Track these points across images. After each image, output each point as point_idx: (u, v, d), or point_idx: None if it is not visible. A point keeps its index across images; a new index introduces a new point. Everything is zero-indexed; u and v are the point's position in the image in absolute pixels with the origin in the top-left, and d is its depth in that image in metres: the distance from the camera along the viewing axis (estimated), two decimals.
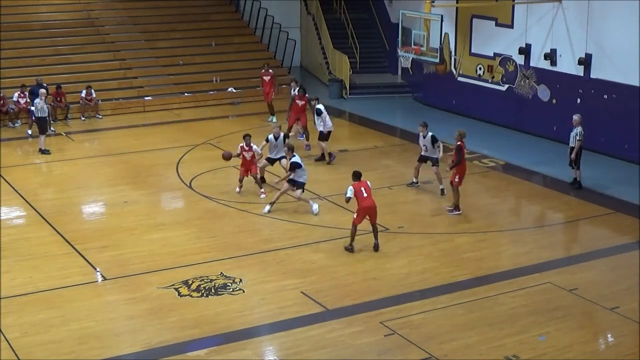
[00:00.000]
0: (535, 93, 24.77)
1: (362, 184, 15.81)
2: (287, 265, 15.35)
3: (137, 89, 28.95)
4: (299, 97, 23.18)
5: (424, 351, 12.12)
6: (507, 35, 25.49)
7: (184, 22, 32.21)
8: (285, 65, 32.27)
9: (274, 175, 19.63)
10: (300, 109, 23.16)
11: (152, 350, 12.17)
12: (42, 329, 12.78)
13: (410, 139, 24.36)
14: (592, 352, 12.29)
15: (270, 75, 26.47)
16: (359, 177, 15.95)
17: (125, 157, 22.55)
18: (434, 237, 16.80)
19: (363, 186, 15.75)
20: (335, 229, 17.07)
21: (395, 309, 13.51)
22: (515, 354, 12.04)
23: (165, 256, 15.86)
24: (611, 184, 20.09)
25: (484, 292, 14.20)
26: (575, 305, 13.77)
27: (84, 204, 19.34)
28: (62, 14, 31.42)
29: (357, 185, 15.76)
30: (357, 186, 15.75)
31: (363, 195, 15.67)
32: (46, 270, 15.05)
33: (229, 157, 18.97)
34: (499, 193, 20.19)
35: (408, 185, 19.86)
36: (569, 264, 15.52)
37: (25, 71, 27.83)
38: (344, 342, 12.41)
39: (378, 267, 15.27)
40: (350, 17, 33.38)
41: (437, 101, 28.75)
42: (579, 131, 19.36)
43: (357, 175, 15.98)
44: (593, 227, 17.96)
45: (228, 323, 13.05)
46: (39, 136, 22.89)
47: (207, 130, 25.18)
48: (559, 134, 22.44)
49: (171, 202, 19.06)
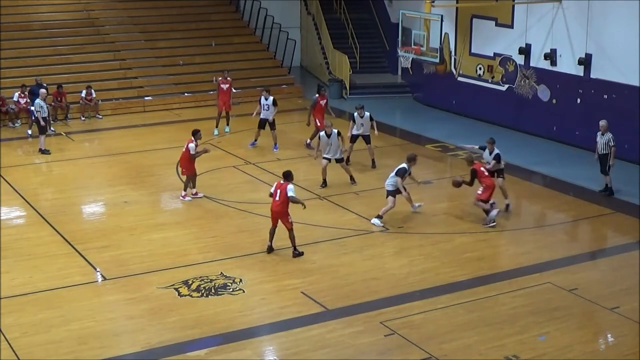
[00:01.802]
0: (535, 93, 24.77)
1: (281, 186, 15.46)
2: (287, 265, 15.35)
3: (137, 89, 28.95)
4: (321, 97, 23.12)
5: (424, 351, 12.12)
6: (507, 35, 25.49)
7: (184, 22, 32.21)
8: (285, 65, 32.26)
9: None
10: (322, 109, 23.07)
11: (152, 350, 12.18)
12: (42, 329, 12.79)
13: (411, 139, 24.38)
14: (592, 352, 12.29)
15: (229, 83, 24.79)
16: (286, 177, 15.60)
17: (125, 157, 22.56)
18: (434, 237, 16.80)
19: (280, 188, 15.45)
20: (336, 229, 17.08)
21: (395, 309, 13.51)
22: (515, 354, 12.04)
23: (165, 256, 15.87)
24: (611, 184, 20.08)
25: (484, 292, 14.21)
26: (575, 305, 13.77)
27: (84, 204, 19.34)
28: (62, 14, 31.43)
29: (277, 186, 15.55)
30: (276, 186, 15.54)
31: (275, 198, 15.45)
32: (46, 270, 15.05)
33: (459, 185, 18.09)
34: (499, 193, 20.13)
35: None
36: (569, 264, 15.51)
37: (25, 71, 27.83)
38: (344, 342, 12.41)
39: (378, 267, 15.27)
40: (350, 17, 33.39)
41: (437, 101, 28.76)
42: (610, 137, 19.10)
43: (285, 175, 15.67)
44: (593, 227, 17.97)
45: (228, 323, 13.06)
46: (39, 136, 22.88)
47: (207, 130, 25.13)
48: (559, 134, 22.45)
49: (171, 202, 19.05)
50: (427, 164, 22.41)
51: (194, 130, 19.07)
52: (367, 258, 15.68)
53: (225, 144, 23.82)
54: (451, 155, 23.01)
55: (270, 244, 15.71)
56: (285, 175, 15.65)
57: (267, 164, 21.67)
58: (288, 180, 15.55)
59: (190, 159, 18.66)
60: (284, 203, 15.35)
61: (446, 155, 23.11)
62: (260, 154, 22.67)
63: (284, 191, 15.30)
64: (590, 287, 14.38)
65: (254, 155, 22.54)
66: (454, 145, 23.62)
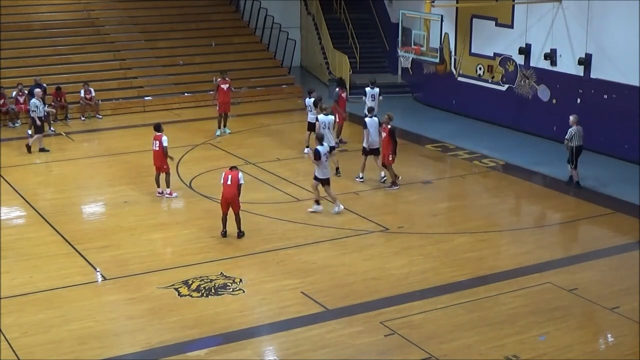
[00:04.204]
0: (535, 93, 24.77)
1: (232, 172, 16.38)
2: (287, 265, 15.35)
3: (137, 89, 28.94)
4: (342, 91, 23.53)
5: (424, 351, 12.12)
6: (507, 35, 25.49)
7: (184, 22, 32.21)
8: (285, 65, 32.26)
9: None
10: (344, 103, 23.57)
11: (152, 350, 12.18)
12: (42, 329, 12.78)
13: (411, 139, 24.38)
14: (592, 352, 12.29)
15: (229, 83, 24.75)
16: (235, 167, 16.78)
17: (125, 157, 22.56)
18: (434, 237, 16.80)
19: (231, 174, 16.30)
20: (336, 229, 17.08)
21: (395, 309, 13.51)
22: (515, 354, 12.04)
23: (165, 256, 15.89)
24: (611, 184, 20.10)
25: (484, 292, 14.20)
26: (575, 305, 13.77)
27: (84, 204, 19.34)
28: (62, 14, 31.43)
29: (226, 173, 16.42)
30: (226, 174, 16.39)
31: (227, 183, 16.27)
32: (46, 270, 15.05)
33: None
34: (499, 193, 20.17)
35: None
36: (569, 264, 15.51)
37: (25, 71, 27.82)
38: (344, 342, 12.41)
39: (378, 267, 15.27)
40: (350, 17, 33.39)
41: (437, 101, 28.76)
42: (575, 130, 19.52)
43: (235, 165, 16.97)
44: (593, 227, 17.96)
45: (228, 323, 13.06)
46: (35, 135, 22.88)
47: (207, 130, 25.18)
48: (559, 134, 22.40)
49: (171, 202, 19.05)
50: (427, 164, 22.45)
51: (158, 125, 19.20)
52: (367, 258, 15.68)
53: (225, 144, 23.83)
54: (451, 155, 23.01)
55: (225, 230, 16.51)
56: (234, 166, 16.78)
57: (267, 164, 21.68)
58: (234, 167, 16.71)
59: (165, 155, 18.73)
60: (236, 188, 16.30)
61: (446, 155, 23.11)
62: (261, 154, 22.67)
63: (236, 177, 16.28)
64: (590, 287, 14.38)
65: (254, 155, 22.54)
66: (454, 145, 23.65)
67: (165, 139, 18.73)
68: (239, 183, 16.38)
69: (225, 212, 16.46)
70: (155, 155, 18.80)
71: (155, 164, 18.88)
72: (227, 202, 16.36)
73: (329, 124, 20.32)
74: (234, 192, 16.29)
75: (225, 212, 16.46)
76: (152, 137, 18.94)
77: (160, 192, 19.06)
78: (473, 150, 23.15)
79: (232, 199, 16.32)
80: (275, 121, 26.90)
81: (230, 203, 16.37)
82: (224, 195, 16.37)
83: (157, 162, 18.84)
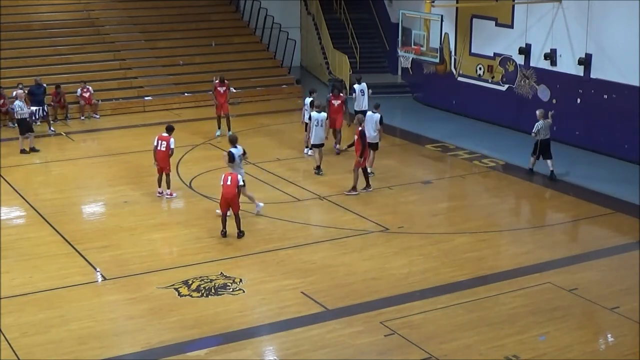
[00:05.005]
0: (535, 93, 24.77)
1: (231, 174, 16.56)
2: (287, 265, 15.35)
3: (137, 89, 28.94)
4: (334, 97, 22.88)
5: (424, 351, 12.11)
6: (507, 35, 25.49)
7: (184, 22, 32.21)
8: (285, 65, 32.26)
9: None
10: (336, 110, 22.76)
11: (152, 350, 12.17)
12: (42, 329, 12.78)
13: (411, 139, 24.38)
14: (592, 352, 12.29)
15: (226, 85, 24.61)
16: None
17: (125, 157, 22.55)
18: (434, 237, 16.80)
19: (231, 175, 16.47)
20: (336, 229, 17.08)
21: (395, 309, 13.51)
22: (515, 354, 12.04)
23: (165, 256, 15.89)
24: (611, 184, 20.10)
25: (484, 292, 14.20)
26: (575, 305, 13.77)
27: (84, 204, 19.34)
28: (62, 14, 31.43)
29: (226, 174, 16.58)
30: (226, 174, 16.55)
31: (226, 183, 16.41)
32: (46, 270, 15.05)
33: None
34: (499, 193, 20.17)
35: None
36: (569, 264, 15.51)
37: (25, 71, 27.81)
38: (344, 342, 12.41)
39: (378, 267, 15.27)
40: (350, 17, 33.40)
41: (437, 101, 28.76)
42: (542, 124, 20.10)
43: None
44: (593, 227, 17.96)
45: (228, 323, 13.05)
46: (21, 136, 22.87)
47: (207, 130, 25.18)
48: (559, 134, 22.43)
49: (171, 202, 19.05)
50: (427, 164, 22.45)
51: (171, 126, 19.21)
52: (367, 258, 15.68)
53: (225, 144, 23.75)
54: (451, 155, 23.01)
55: (225, 230, 16.53)
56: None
57: (267, 164, 21.68)
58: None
59: (169, 156, 18.75)
60: (235, 189, 16.42)
61: (446, 155, 23.11)
62: (261, 154, 22.65)
63: (235, 179, 16.43)
64: (590, 287, 14.38)
65: (254, 155, 22.48)
66: (454, 145, 23.65)
67: (172, 141, 18.73)
68: (239, 184, 16.46)
69: (225, 213, 16.51)
70: (160, 155, 18.78)
71: (159, 164, 18.87)
72: (227, 202, 16.41)
73: (321, 121, 20.73)
74: (233, 192, 16.36)
75: (224, 212, 16.52)
76: (157, 136, 18.88)
77: (160, 192, 19.06)
78: (473, 150, 23.15)
79: (231, 200, 16.38)
80: (275, 121, 26.91)
81: (230, 203, 16.42)
82: (223, 195, 16.43)
83: (161, 162, 18.84)
